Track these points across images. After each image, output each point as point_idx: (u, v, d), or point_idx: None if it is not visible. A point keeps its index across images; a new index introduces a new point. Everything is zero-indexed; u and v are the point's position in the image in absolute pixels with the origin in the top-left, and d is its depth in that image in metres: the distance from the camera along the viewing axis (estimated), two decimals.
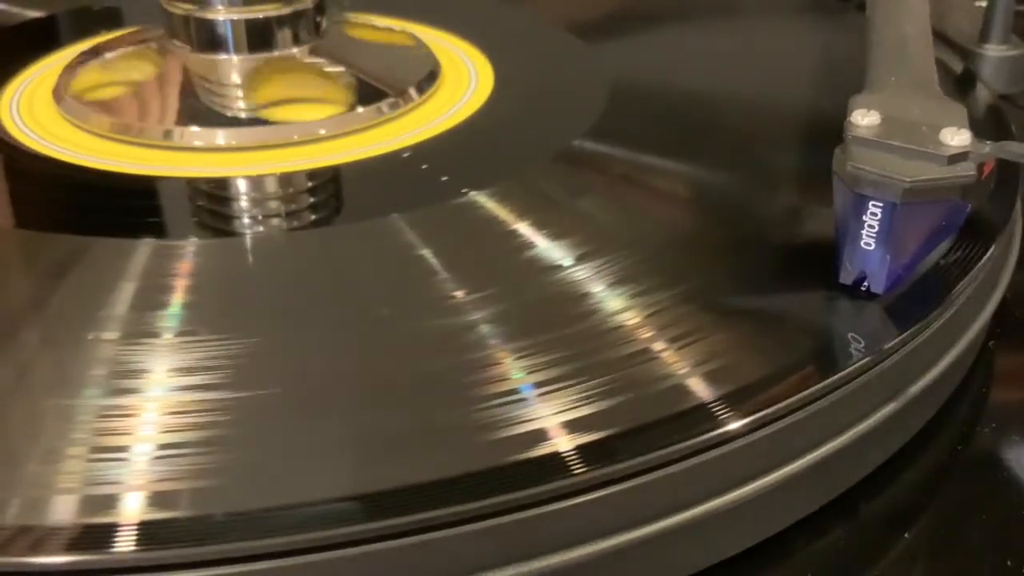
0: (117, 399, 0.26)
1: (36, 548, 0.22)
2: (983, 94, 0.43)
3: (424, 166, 0.37)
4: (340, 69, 0.43)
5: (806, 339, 0.28)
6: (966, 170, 0.28)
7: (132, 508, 0.23)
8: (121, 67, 0.44)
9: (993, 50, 0.49)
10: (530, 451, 0.24)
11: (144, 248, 0.32)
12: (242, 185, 0.36)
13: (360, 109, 0.40)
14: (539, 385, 0.26)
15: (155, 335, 0.28)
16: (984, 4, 0.50)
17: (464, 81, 0.43)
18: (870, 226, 0.28)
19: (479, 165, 0.38)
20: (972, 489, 0.30)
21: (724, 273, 0.31)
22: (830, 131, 0.30)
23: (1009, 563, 0.27)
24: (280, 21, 0.41)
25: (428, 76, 0.43)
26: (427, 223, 0.33)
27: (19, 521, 0.22)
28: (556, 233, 0.32)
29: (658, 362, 0.27)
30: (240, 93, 0.41)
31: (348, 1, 0.49)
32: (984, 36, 0.50)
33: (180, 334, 0.28)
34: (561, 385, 0.26)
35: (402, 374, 0.27)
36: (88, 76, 0.43)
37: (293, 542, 0.22)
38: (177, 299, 0.29)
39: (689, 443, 0.24)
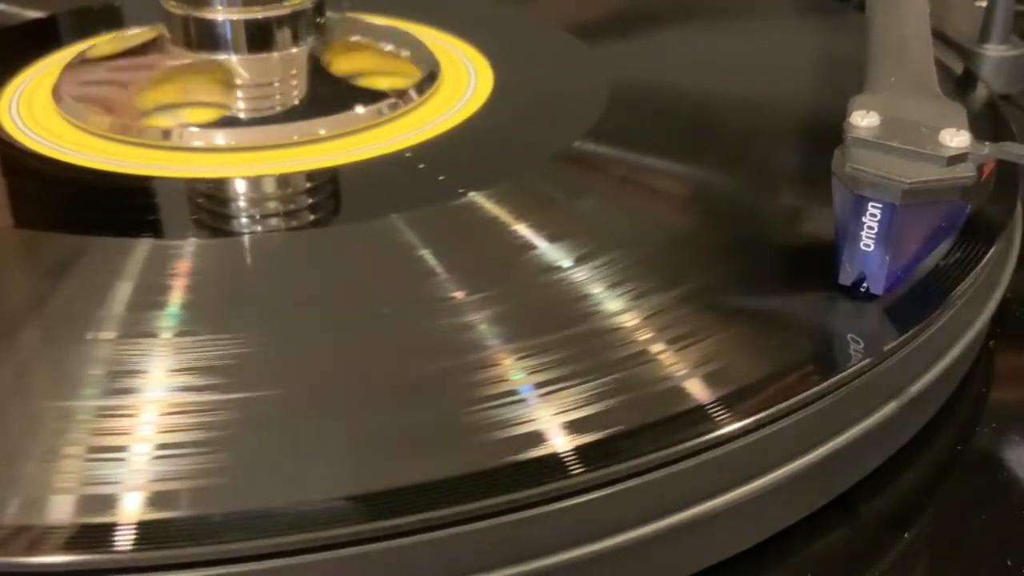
0: (116, 399, 0.26)
1: (34, 548, 0.22)
2: (983, 94, 0.43)
3: (423, 166, 0.37)
4: (406, 52, 0.45)
5: (806, 340, 0.28)
6: (966, 171, 0.28)
7: (130, 508, 0.23)
8: (120, 68, 0.44)
9: (993, 50, 0.49)
10: (530, 452, 0.24)
11: (143, 248, 0.32)
12: (241, 185, 0.36)
13: (360, 109, 0.40)
14: (539, 386, 0.26)
15: (154, 335, 0.28)
16: (984, 4, 0.50)
17: (464, 82, 0.43)
18: (869, 227, 0.28)
19: (479, 166, 0.38)
20: (972, 489, 0.30)
21: (723, 274, 0.31)
22: (830, 131, 0.30)
23: (1009, 563, 0.27)
24: (279, 21, 0.41)
25: (428, 77, 0.43)
26: (426, 224, 0.33)
27: (18, 520, 0.22)
28: (556, 234, 0.32)
29: (658, 363, 0.27)
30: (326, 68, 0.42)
31: (348, 1, 0.49)
32: (984, 36, 0.50)
33: (179, 334, 0.28)
34: (561, 386, 0.26)
35: (401, 375, 0.27)
36: (88, 77, 0.43)
37: (291, 542, 0.22)
38: (176, 299, 0.29)
39: (689, 444, 0.24)
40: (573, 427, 0.25)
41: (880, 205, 0.28)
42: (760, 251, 0.32)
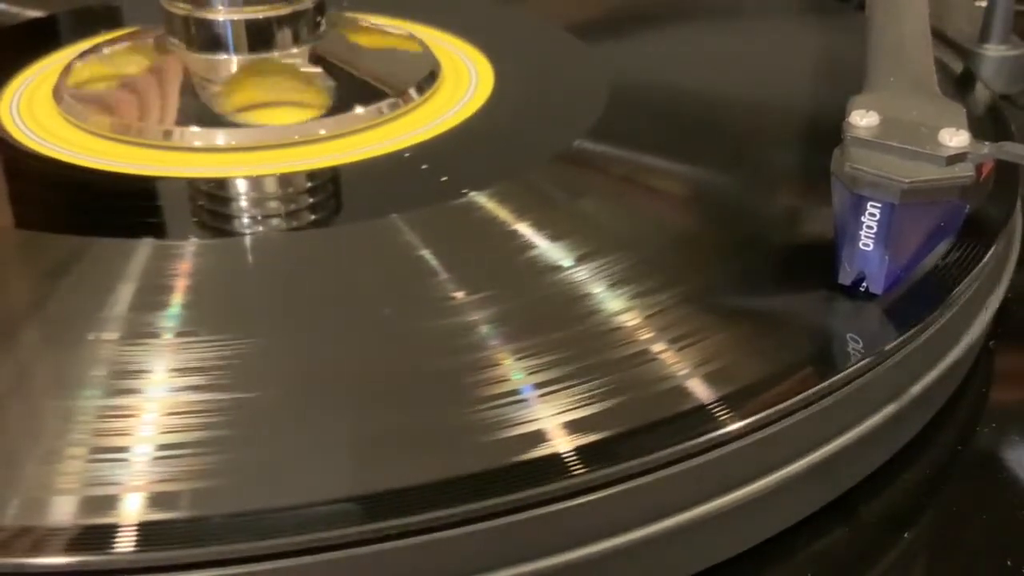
0: (117, 399, 0.26)
1: (36, 549, 0.22)
2: (983, 94, 0.43)
3: (424, 166, 0.37)
4: (317, 70, 0.43)
5: (806, 340, 0.28)
6: (964, 171, 0.28)
7: (132, 509, 0.23)
8: (121, 67, 0.44)
9: (993, 50, 0.49)
10: (531, 452, 0.24)
11: (144, 248, 0.32)
12: (242, 185, 0.36)
13: (360, 109, 0.40)
14: (539, 386, 0.26)
15: (155, 335, 0.28)
16: (984, 4, 0.50)
17: (464, 81, 0.43)
18: (869, 227, 0.28)
19: (479, 165, 0.38)
20: (972, 489, 0.30)
21: (723, 274, 0.31)
22: (829, 131, 0.30)
23: (1009, 563, 0.27)
24: (280, 21, 0.41)
25: (428, 76, 0.43)
26: (427, 223, 0.33)
27: (19, 521, 0.22)
28: (556, 234, 0.32)
29: (658, 363, 0.27)
30: (218, 98, 0.41)
31: (348, 1, 0.49)
32: (984, 36, 0.50)
33: (180, 334, 0.28)
34: (561, 386, 0.26)
35: (402, 375, 0.27)
36: (88, 77, 0.43)
37: (292, 543, 0.22)
38: (177, 299, 0.29)
39: (689, 444, 0.24)
40: (573, 427, 0.25)
41: (879, 205, 0.28)
42: (760, 251, 0.32)
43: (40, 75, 0.44)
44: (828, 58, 0.45)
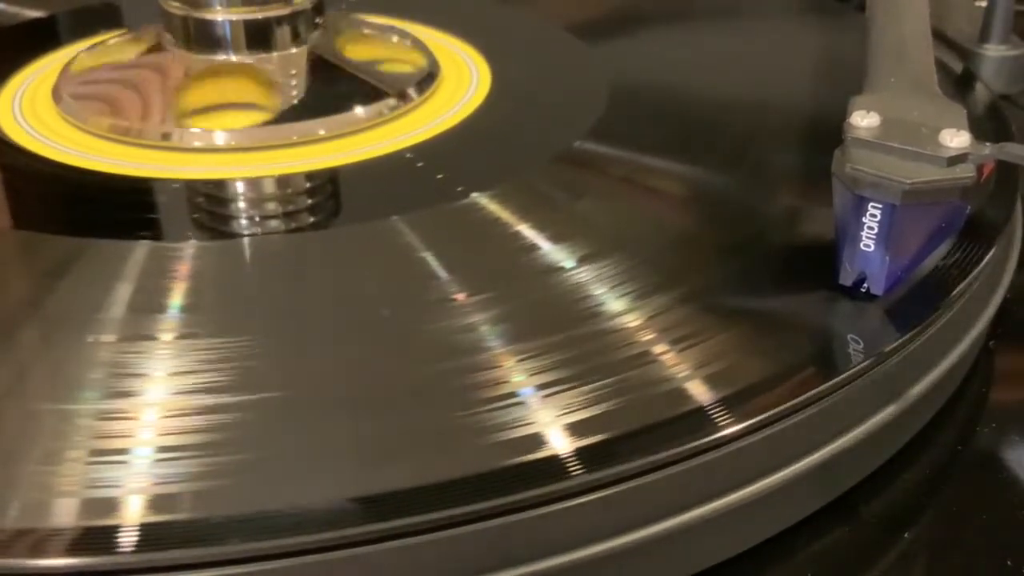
0: (116, 401, 0.26)
1: (37, 550, 0.22)
2: (983, 94, 0.43)
3: (420, 164, 0.37)
4: (284, 79, 0.42)
5: (806, 341, 0.28)
6: (965, 171, 0.28)
7: (132, 510, 0.23)
8: (120, 68, 0.44)
9: (993, 50, 0.49)
10: (531, 453, 0.24)
11: (143, 249, 0.32)
12: (241, 186, 0.36)
13: (360, 110, 0.40)
14: (540, 387, 0.26)
15: (154, 337, 0.28)
16: (984, 4, 0.50)
17: (464, 81, 0.43)
18: (869, 227, 0.28)
19: (479, 166, 0.38)
20: (972, 489, 0.30)
21: (724, 275, 0.31)
22: (830, 132, 0.30)
23: (1009, 563, 0.27)
24: (279, 21, 0.41)
25: (428, 76, 0.43)
26: (427, 225, 0.33)
27: (20, 523, 0.22)
28: (557, 235, 0.32)
29: (659, 364, 0.27)
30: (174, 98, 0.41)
31: (347, 1, 0.49)
32: (984, 36, 0.50)
33: (179, 336, 0.28)
34: (562, 387, 0.26)
35: (402, 376, 0.27)
36: (87, 78, 0.43)
37: (293, 544, 0.22)
38: (176, 301, 0.29)
39: (690, 445, 0.24)
40: (574, 429, 0.25)
41: (880, 205, 0.28)
42: (760, 251, 0.32)
43: (40, 75, 0.44)
44: (828, 58, 0.45)
